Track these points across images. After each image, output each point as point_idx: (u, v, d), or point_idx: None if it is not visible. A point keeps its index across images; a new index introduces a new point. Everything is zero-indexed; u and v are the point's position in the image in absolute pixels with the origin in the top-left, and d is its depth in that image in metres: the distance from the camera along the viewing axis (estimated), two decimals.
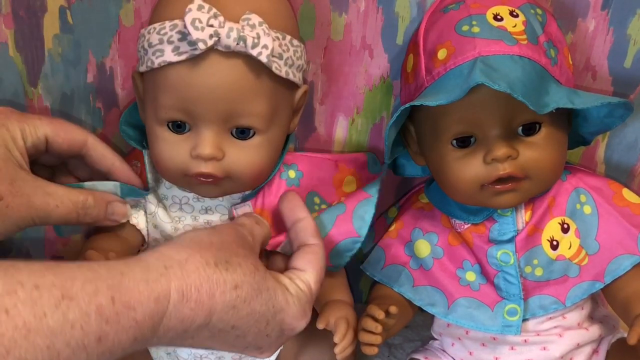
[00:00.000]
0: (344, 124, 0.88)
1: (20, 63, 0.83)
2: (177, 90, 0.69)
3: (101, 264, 0.56)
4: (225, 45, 0.67)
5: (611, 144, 0.88)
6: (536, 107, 0.67)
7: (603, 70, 0.83)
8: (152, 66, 0.70)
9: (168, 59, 0.68)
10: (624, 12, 0.80)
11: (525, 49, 0.71)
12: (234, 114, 0.70)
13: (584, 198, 0.79)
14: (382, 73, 0.85)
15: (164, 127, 0.72)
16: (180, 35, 0.68)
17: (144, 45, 0.71)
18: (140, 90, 0.75)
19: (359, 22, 0.82)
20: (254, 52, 0.67)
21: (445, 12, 0.75)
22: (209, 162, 0.71)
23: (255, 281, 0.64)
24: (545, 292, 0.78)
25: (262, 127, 0.72)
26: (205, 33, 0.65)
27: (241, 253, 0.65)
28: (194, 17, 0.65)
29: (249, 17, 0.67)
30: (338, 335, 0.74)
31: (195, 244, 0.63)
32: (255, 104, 0.70)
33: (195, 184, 0.74)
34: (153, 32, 0.70)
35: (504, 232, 0.79)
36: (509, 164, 0.73)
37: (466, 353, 0.84)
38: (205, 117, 0.70)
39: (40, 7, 0.80)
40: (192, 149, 0.71)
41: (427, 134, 0.77)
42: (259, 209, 0.79)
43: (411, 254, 0.84)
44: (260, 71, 0.69)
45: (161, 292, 0.57)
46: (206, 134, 0.70)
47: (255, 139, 0.72)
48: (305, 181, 0.81)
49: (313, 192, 0.81)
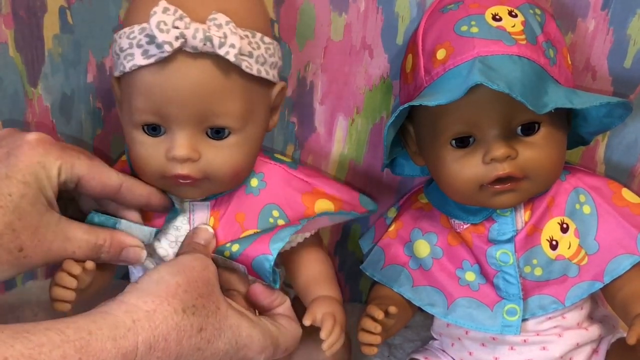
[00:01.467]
0: (344, 124, 0.88)
1: (20, 63, 0.83)
2: (149, 93, 0.69)
3: (69, 324, 0.57)
4: (192, 46, 0.67)
5: (611, 144, 0.88)
6: (535, 107, 0.67)
7: (603, 70, 0.83)
8: (124, 70, 0.70)
9: (138, 62, 0.68)
10: (624, 12, 0.80)
11: (524, 49, 0.71)
12: (207, 115, 0.70)
13: (583, 198, 0.79)
14: (382, 73, 0.85)
15: (139, 130, 0.72)
16: (148, 39, 0.68)
17: (116, 50, 0.71)
18: (118, 94, 0.75)
19: (359, 22, 0.82)
20: (222, 52, 0.67)
21: (444, 12, 0.75)
22: (185, 164, 0.71)
23: (217, 321, 0.66)
24: (544, 292, 0.78)
25: (237, 126, 0.72)
26: (171, 35, 0.65)
27: (205, 292, 0.66)
28: (159, 19, 0.65)
29: (216, 17, 0.67)
30: (324, 331, 0.73)
31: (161, 288, 0.64)
32: (228, 104, 0.70)
33: (174, 186, 0.74)
34: (123, 36, 0.70)
35: (503, 232, 0.79)
36: (508, 164, 0.73)
37: (466, 353, 0.84)
38: (178, 119, 0.70)
39: (40, 7, 0.80)
40: (168, 151, 0.71)
41: (426, 134, 0.77)
42: (216, 210, 0.78)
43: (411, 254, 0.84)
44: (230, 70, 0.69)
45: (129, 347, 0.58)
46: (180, 135, 0.70)
47: (231, 139, 0.72)
48: (265, 192, 0.79)
49: (272, 205, 0.79)
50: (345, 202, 0.83)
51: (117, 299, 0.63)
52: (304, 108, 0.87)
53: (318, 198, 0.81)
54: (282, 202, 0.79)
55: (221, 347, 0.66)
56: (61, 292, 0.71)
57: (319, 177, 0.84)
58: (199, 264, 0.69)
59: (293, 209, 0.79)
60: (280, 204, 0.79)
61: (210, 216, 0.78)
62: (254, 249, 0.75)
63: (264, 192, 0.79)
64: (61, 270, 0.71)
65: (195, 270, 0.67)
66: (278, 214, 0.79)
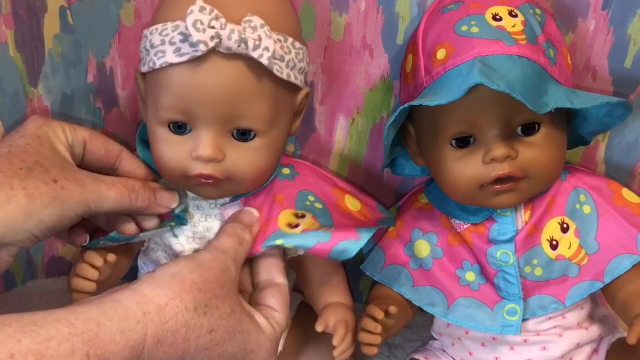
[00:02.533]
0: (344, 124, 0.88)
1: (20, 63, 0.83)
2: (178, 91, 0.69)
3: (79, 315, 0.57)
4: (226, 47, 0.67)
5: (611, 144, 0.88)
6: (535, 107, 0.67)
7: (603, 70, 0.83)
8: (153, 67, 0.70)
9: (169, 60, 0.68)
10: (624, 12, 0.80)
11: (524, 49, 0.71)
12: (234, 116, 0.70)
13: (583, 198, 0.79)
14: (382, 73, 0.85)
15: (164, 127, 0.72)
16: (181, 37, 0.68)
17: (146, 46, 0.71)
18: (142, 90, 0.75)
19: (359, 22, 0.82)
20: (255, 54, 0.67)
21: (444, 12, 0.75)
22: (208, 164, 0.71)
23: (230, 324, 0.66)
24: (544, 292, 0.78)
25: (262, 129, 0.72)
26: (207, 35, 0.65)
27: (220, 294, 0.66)
28: (196, 18, 0.65)
29: (251, 19, 0.67)
30: (337, 338, 0.74)
31: (176, 283, 0.64)
32: (256, 106, 0.70)
33: (196, 185, 0.74)
34: (155, 32, 0.70)
35: (503, 232, 0.79)
36: (508, 164, 0.73)
37: (466, 353, 0.84)
38: (205, 119, 0.70)
39: (40, 7, 0.80)
40: (192, 150, 0.71)
41: (426, 134, 0.77)
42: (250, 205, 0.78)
43: (411, 254, 0.84)
44: (261, 73, 0.69)
45: (137, 339, 0.58)
46: (206, 135, 0.70)
47: (256, 141, 0.72)
48: (299, 179, 0.80)
49: (307, 191, 0.79)
50: (367, 205, 0.83)
51: (131, 287, 0.63)
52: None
53: (346, 194, 0.82)
54: (316, 190, 0.80)
55: (229, 350, 0.66)
56: (82, 283, 0.71)
57: (340, 178, 0.85)
58: (217, 264, 0.69)
59: (327, 197, 0.80)
60: (314, 191, 0.80)
61: None
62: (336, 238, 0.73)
63: (297, 179, 0.80)
64: (82, 262, 0.71)
65: (212, 270, 0.67)
66: (314, 199, 0.79)
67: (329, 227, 0.75)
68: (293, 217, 0.76)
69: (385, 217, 0.83)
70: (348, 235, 0.73)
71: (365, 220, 0.81)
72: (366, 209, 0.82)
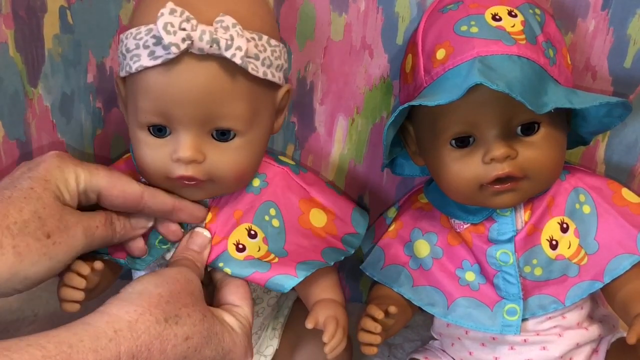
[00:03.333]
0: (344, 124, 0.88)
1: (20, 63, 0.83)
2: (155, 94, 0.69)
3: (51, 338, 0.57)
4: (198, 48, 0.67)
5: (611, 144, 0.88)
6: (535, 107, 0.67)
7: (603, 70, 0.83)
8: (130, 71, 0.70)
9: (144, 63, 0.68)
10: (624, 12, 0.80)
11: (523, 49, 0.71)
12: (212, 117, 0.70)
13: (583, 198, 0.79)
14: (382, 73, 0.85)
15: (145, 131, 0.72)
16: (155, 40, 0.68)
17: (122, 51, 0.71)
18: (123, 94, 0.75)
19: (359, 22, 0.82)
20: (228, 54, 0.67)
21: (444, 12, 0.75)
22: (189, 165, 0.71)
23: (204, 329, 0.66)
24: (544, 292, 0.78)
25: (242, 129, 0.72)
26: (178, 37, 0.65)
27: (189, 302, 0.67)
28: (166, 21, 0.65)
29: (222, 19, 0.67)
30: (327, 335, 0.73)
31: (144, 299, 0.64)
32: (234, 106, 0.70)
33: (179, 187, 0.74)
34: (130, 37, 0.70)
35: (503, 232, 0.79)
36: (508, 164, 0.73)
37: (466, 353, 0.84)
38: (183, 121, 0.70)
39: (40, 7, 0.80)
40: (173, 152, 0.71)
41: (426, 134, 0.77)
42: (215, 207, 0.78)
43: (411, 254, 0.84)
44: (237, 73, 0.69)
45: (110, 357, 0.58)
46: (186, 137, 0.70)
47: (236, 141, 0.72)
48: (266, 191, 0.80)
49: (271, 202, 0.79)
50: (337, 217, 0.83)
51: (99, 310, 0.63)
52: (304, 108, 0.87)
53: (313, 207, 0.81)
54: (281, 202, 0.79)
55: (208, 354, 0.66)
56: (70, 293, 0.71)
57: (318, 185, 0.84)
58: (182, 277, 0.69)
59: (289, 211, 0.80)
60: (279, 203, 0.79)
61: (208, 212, 0.78)
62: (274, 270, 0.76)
63: (264, 191, 0.79)
64: (70, 271, 0.71)
65: (178, 282, 0.68)
66: (275, 213, 0.79)
67: (273, 258, 0.76)
68: (245, 235, 0.77)
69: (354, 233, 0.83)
70: (286, 271, 0.75)
71: (327, 238, 0.80)
72: (332, 225, 0.82)
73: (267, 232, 0.78)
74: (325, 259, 0.78)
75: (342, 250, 0.81)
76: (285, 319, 0.88)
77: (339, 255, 0.80)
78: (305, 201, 0.81)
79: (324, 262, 0.78)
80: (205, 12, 0.68)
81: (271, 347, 0.87)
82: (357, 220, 0.84)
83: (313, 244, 0.79)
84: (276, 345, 0.87)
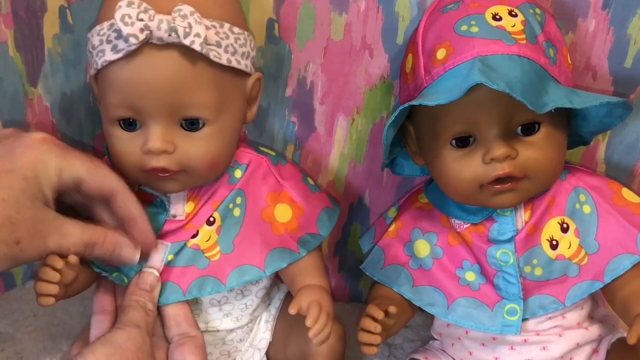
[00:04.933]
0: (344, 123, 0.88)
1: (20, 63, 0.83)
2: (120, 87, 0.70)
3: None
4: (157, 38, 0.68)
5: (611, 144, 0.88)
6: (535, 106, 0.67)
7: (603, 70, 0.83)
8: (97, 67, 0.71)
9: (108, 57, 0.69)
10: (624, 12, 0.80)
11: (524, 49, 0.71)
12: (179, 106, 0.71)
13: (583, 198, 0.79)
14: (382, 73, 0.85)
15: (115, 125, 0.73)
16: (116, 34, 0.69)
17: (89, 49, 0.72)
18: (96, 92, 0.76)
19: (359, 22, 0.82)
20: (187, 42, 0.68)
21: (444, 12, 0.75)
22: (160, 156, 0.72)
23: None
24: (544, 292, 0.78)
25: (210, 117, 0.72)
26: (136, 27, 0.66)
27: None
28: (124, 13, 0.67)
29: (181, 8, 0.68)
30: (309, 320, 0.72)
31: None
32: (199, 94, 0.71)
33: (154, 180, 0.74)
34: (95, 34, 0.71)
35: (503, 232, 0.78)
36: (508, 163, 0.73)
37: (466, 353, 0.83)
38: (150, 112, 0.70)
39: (40, 7, 0.80)
40: (143, 144, 0.72)
41: (426, 134, 0.77)
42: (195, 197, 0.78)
43: (411, 254, 0.84)
44: (198, 60, 0.70)
45: None
46: (154, 128, 0.71)
47: (206, 130, 0.73)
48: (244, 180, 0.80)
49: (240, 191, 0.79)
50: (304, 215, 0.82)
51: None
52: (304, 108, 0.87)
53: (280, 202, 0.81)
54: (249, 191, 0.80)
55: None
56: (45, 287, 0.71)
57: (293, 180, 0.83)
58: (133, 343, 0.70)
59: (254, 202, 0.80)
60: (247, 192, 0.80)
61: (187, 201, 0.78)
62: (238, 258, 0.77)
63: (242, 181, 0.80)
64: (45, 265, 0.71)
65: (129, 351, 0.69)
66: (240, 201, 0.79)
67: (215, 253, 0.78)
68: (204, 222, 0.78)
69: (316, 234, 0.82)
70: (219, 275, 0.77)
71: (283, 235, 0.80)
72: (295, 222, 0.81)
73: (225, 220, 0.78)
74: (266, 265, 0.78)
75: (292, 253, 0.80)
76: (278, 310, 0.88)
77: (281, 263, 0.79)
78: (273, 194, 0.81)
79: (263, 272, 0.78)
80: (163, 3, 0.69)
81: (264, 340, 0.87)
82: (322, 221, 0.83)
83: (265, 241, 0.79)
84: (269, 338, 0.87)
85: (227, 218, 0.79)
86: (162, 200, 0.78)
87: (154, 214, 0.78)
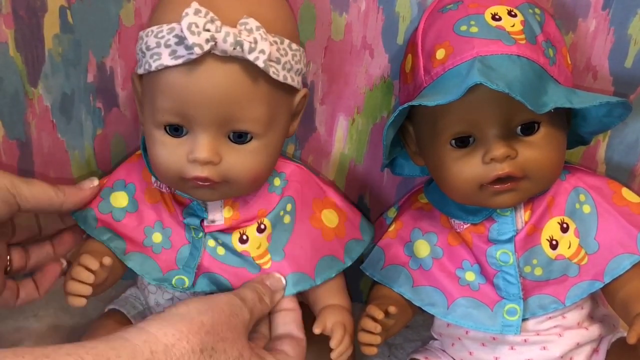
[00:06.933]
0: (344, 124, 0.88)
1: (20, 63, 0.83)
2: (174, 94, 0.69)
3: (89, 350, 0.57)
4: (221, 50, 0.66)
5: (612, 144, 0.87)
6: (535, 106, 0.67)
7: (604, 70, 0.83)
8: (149, 69, 0.70)
9: (165, 62, 0.68)
10: (624, 12, 0.80)
11: (523, 49, 0.71)
12: (231, 119, 0.70)
13: (583, 197, 0.79)
14: (382, 73, 0.85)
15: (161, 130, 0.72)
16: (177, 39, 0.68)
17: (142, 48, 0.71)
18: (139, 92, 0.75)
19: (360, 22, 0.82)
20: (251, 57, 0.67)
21: (444, 12, 0.75)
22: (205, 166, 0.71)
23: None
24: (544, 292, 0.78)
25: (259, 132, 0.71)
26: (202, 37, 0.65)
27: (229, 337, 0.66)
28: (191, 21, 0.65)
29: (247, 22, 0.67)
30: (334, 341, 0.74)
31: (185, 324, 0.64)
32: (253, 109, 0.70)
33: (192, 188, 0.74)
34: (151, 35, 0.70)
35: (503, 232, 0.78)
36: (508, 163, 0.73)
37: (466, 353, 0.84)
38: (202, 121, 0.69)
39: (40, 7, 0.80)
40: (189, 152, 0.71)
41: (425, 134, 0.77)
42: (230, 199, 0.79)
43: (411, 254, 0.84)
44: (258, 76, 0.69)
45: None
46: (203, 138, 0.70)
47: (253, 144, 0.72)
48: (287, 188, 0.80)
49: (290, 198, 0.80)
50: (348, 220, 0.83)
51: (139, 326, 0.63)
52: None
53: (325, 208, 0.82)
54: (298, 198, 0.80)
55: None
56: (78, 287, 0.71)
57: (333, 187, 0.85)
58: (230, 308, 0.69)
59: (303, 209, 0.80)
60: (297, 198, 0.80)
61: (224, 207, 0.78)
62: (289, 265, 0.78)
63: (285, 189, 0.80)
64: (78, 265, 0.71)
65: (224, 313, 0.68)
66: (290, 208, 0.80)
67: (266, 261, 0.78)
68: (254, 228, 0.79)
69: (360, 239, 0.84)
70: None
71: (332, 241, 0.81)
72: (342, 227, 0.82)
73: (275, 227, 0.79)
74: (316, 274, 0.79)
75: (338, 262, 0.81)
76: None
77: (330, 272, 0.80)
78: (318, 201, 0.82)
79: (313, 281, 0.79)
80: (229, 13, 0.68)
81: None
82: (364, 227, 0.85)
83: (315, 248, 0.80)
84: None
85: (277, 225, 0.79)
86: (199, 204, 0.78)
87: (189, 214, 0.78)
